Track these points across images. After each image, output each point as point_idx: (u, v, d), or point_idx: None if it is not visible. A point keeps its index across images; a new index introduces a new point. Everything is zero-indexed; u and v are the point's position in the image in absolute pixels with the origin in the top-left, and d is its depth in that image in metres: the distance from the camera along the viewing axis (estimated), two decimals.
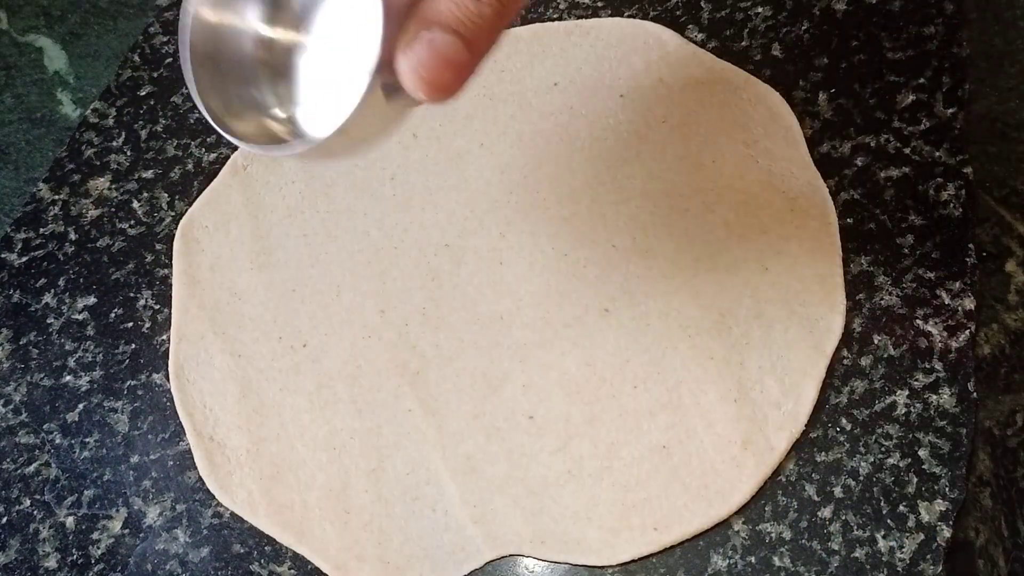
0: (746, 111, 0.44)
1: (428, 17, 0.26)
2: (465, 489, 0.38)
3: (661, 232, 0.42)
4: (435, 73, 0.26)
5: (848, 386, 0.38)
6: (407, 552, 0.37)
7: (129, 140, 0.50)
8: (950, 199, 0.40)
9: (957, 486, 0.35)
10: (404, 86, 0.26)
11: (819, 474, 0.36)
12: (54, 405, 0.43)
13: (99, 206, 0.48)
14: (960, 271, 0.39)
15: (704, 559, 0.35)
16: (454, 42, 0.26)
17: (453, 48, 0.26)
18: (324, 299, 0.43)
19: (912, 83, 0.43)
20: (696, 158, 0.43)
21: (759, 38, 0.47)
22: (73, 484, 0.41)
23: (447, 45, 0.26)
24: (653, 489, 0.36)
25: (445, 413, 0.39)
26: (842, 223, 0.41)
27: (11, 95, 0.56)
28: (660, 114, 0.45)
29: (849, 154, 0.43)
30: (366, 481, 0.38)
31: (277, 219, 0.46)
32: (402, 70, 0.26)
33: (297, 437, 0.40)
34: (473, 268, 0.42)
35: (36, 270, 0.47)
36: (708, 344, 0.39)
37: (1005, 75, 0.45)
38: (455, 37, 0.26)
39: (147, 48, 0.54)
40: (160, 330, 0.44)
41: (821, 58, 0.45)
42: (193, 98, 0.29)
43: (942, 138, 0.42)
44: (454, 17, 0.26)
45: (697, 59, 0.46)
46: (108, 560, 0.39)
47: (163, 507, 0.40)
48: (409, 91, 0.26)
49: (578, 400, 0.39)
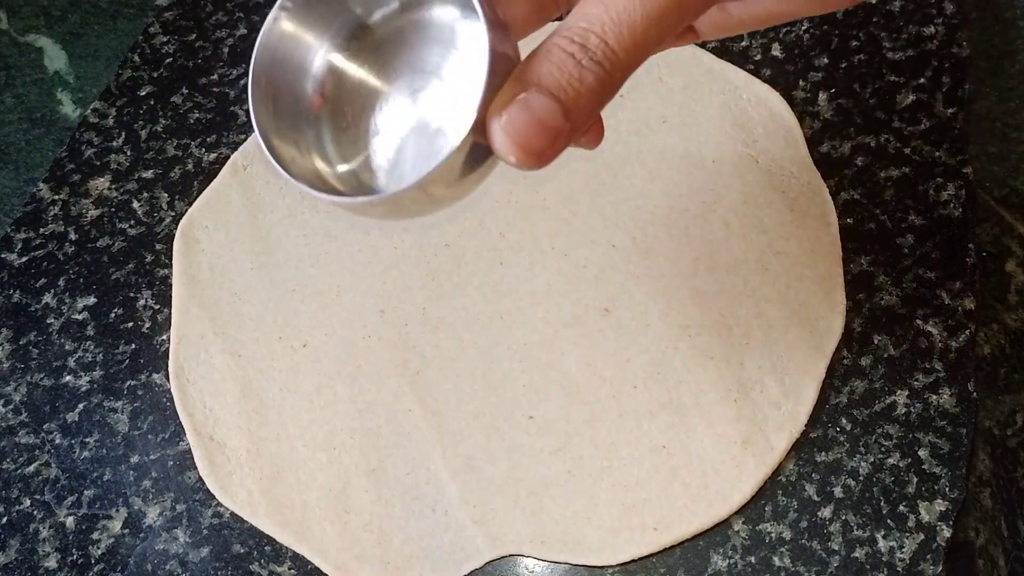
0: (746, 111, 0.44)
1: (527, 79, 0.24)
2: (465, 489, 0.38)
3: (661, 232, 0.42)
4: (529, 138, 0.24)
5: (848, 386, 0.38)
6: (407, 552, 0.37)
7: (129, 140, 0.50)
8: (950, 199, 0.40)
9: (957, 486, 0.35)
10: (494, 148, 0.25)
11: (819, 474, 0.36)
12: (54, 405, 0.43)
13: (99, 206, 0.48)
14: (960, 271, 0.39)
15: (704, 559, 0.35)
16: (552, 106, 0.24)
17: (550, 113, 0.24)
18: (324, 299, 0.43)
19: (912, 83, 0.43)
20: (696, 158, 0.43)
21: (759, 38, 0.47)
22: (73, 484, 0.41)
23: (545, 109, 0.24)
24: (653, 489, 0.36)
25: (445, 413, 0.39)
26: (842, 223, 0.41)
27: (11, 95, 0.56)
28: (660, 114, 0.45)
29: (849, 154, 0.43)
30: (366, 481, 0.38)
31: (277, 219, 0.46)
32: (493, 130, 0.24)
33: (297, 437, 0.40)
34: (473, 268, 0.42)
35: (36, 270, 0.47)
36: (708, 344, 0.39)
37: (1005, 75, 0.45)
38: (554, 102, 0.24)
39: (147, 48, 0.54)
40: (160, 330, 0.44)
41: (821, 58, 0.45)
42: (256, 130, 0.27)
43: (942, 138, 0.42)
44: (555, 81, 0.24)
45: (697, 59, 0.46)
46: (108, 560, 0.39)
47: (163, 507, 0.40)
48: (499, 154, 0.25)
49: (578, 400, 0.39)
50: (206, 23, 0.54)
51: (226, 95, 0.51)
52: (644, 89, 0.46)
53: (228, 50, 0.53)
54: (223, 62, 0.52)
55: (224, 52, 0.53)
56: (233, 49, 0.53)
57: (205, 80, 0.52)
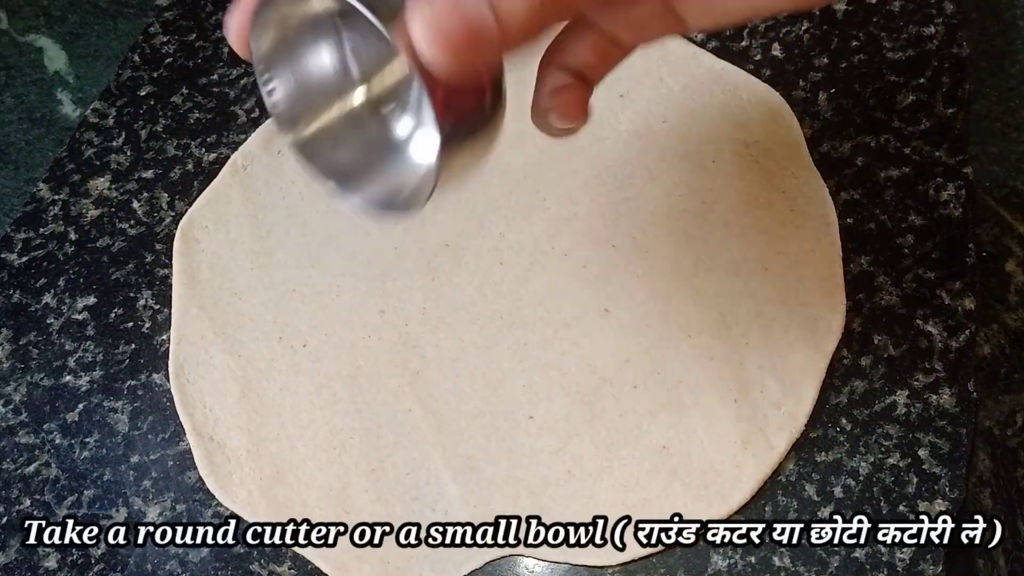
0: (746, 111, 0.44)
1: None
2: (465, 489, 0.38)
3: (661, 232, 0.42)
4: (449, 27, 0.22)
5: (848, 386, 0.38)
6: (407, 552, 0.37)
7: (129, 140, 0.50)
8: (950, 199, 0.40)
9: (957, 486, 0.35)
10: (419, 51, 0.22)
11: (819, 474, 0.36)
12: (54, 405, 0.43)
13: (99, 206, 0.49)
14: (960, 271, 0.39)
15: (704, 559, 0.35)
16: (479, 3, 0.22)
17: (476, 8, 0.22)
18: (324, 299, 0.43)
19: (912, 83, 0.43)
20: (696, 158, 0.43)
21: (759, 38, 0.47)
22: (73, 484, 0.41)
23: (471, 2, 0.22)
24: (653, 489, 0.36)
25: (445, 413, 0.39)
26: (842, 223, 0.41)
27: (11, 95, 0.56)
28: (660, 114, 0.45)
29: (849, 154, 0.43)
30: (366, 481, 0.38)
31: (277, 219, 0.46)
32: (415, 29, 0.22)
33: (297, 437, 0.40)
34: (473, 268, 0.42)
35: (36, 270, 0.47)
36: (708, 344, 0.39)
37: (1005, 75, 0.45)
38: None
39: (147, 48, 0.54)
40: (160, 330, 0.44)
41: (821, 58, 0.45)
42: None
43: (942, 138, 0.42)
44: None
45: (697, 59, 0.46)
46: (108, 560, 0.39)
47: (163, 507, 0.40)
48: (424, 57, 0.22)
49: (578, 400, 0.39)
50: (206, 23, 0.54)
51: (226, 95, 0.51)
52: (644, 89, 0.46)
53: (228, 50, 0.53)
54: (223, 62, 0.52)
55: (224, 52, 0.53)
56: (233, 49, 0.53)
57: (205, 80, 0.52)
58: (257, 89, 0.51)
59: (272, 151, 0.48)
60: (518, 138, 0.45)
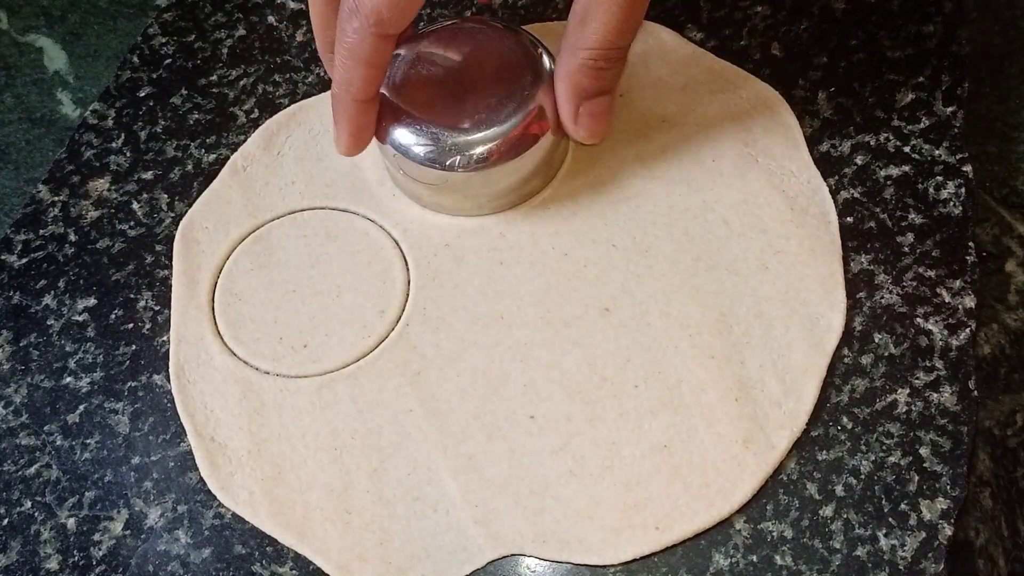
0: (746, 111, 0.44)
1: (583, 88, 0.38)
2: (467, 489, 0.38)
3: (661, 232, 0.42)
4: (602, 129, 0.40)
5: (849, 384, 0.38)
6: (409, 552, 0.37)
7: (128, 141, 0.50)
8: (950, 197, 0.41)
9: (958, 484, 0.35)
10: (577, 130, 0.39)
11: (820, 472, 0.36)
12: (55, 407, 0.43)
13: (99, 207, 0.48)
14: (960, 269, 0.39)
15: (706, 558, 0.35)
16: (605, 100, 0.39)
17: (604, 106, 0.39)
18: (324, 299, 0.43)
19: (912, 82, 0.44)
20: (696, 158, 0.43)
21: (758, 37, 0.47)
22: (74, 485, 0.41)
23: (601, 105, 0.38)
24: (654, 488, 0.36)
25: (446, 413, 0.39)
26: (842, 222, 0.41)
27: (11, 95, 0.56)
28: (660, 114, 0.45)
29: (849, 153, 0.43)
30: (368, 481, 0.38)
31: (277, 219, 0.46)
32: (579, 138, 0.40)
33: (298, 438, 0.40)
34: (473, 268, 0.42)
35: (36, 271, 0.47)
36: (709, 343, 0.39)
37: (1005, 75, 0.45)
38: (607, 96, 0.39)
39: (146, 49, 0.54)
40: (160, 331, 0.44)
41: (820, 57, 0.45)
42: None
43: (942, 136, 0.42)
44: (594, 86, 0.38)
45: (697, 58, 0.46)
46: (109, 561, 0.39)
47: (164, 508, 0.40)
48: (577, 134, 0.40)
49: (579, 399, 0.39)
50: (205, 24, 0.54)
51: (225, 96, 0.51)
52: (644, 89, 0.46)
53: (227, 51, 0.53)
54: (222, 63, 0.52)
55: (223, 53, 0.53)
56: (232, 50, 0.53)
57: (204, 81, 0.52)
58: (256, 90, 0.51)
59: (272, 152, 0.48)
60: None
